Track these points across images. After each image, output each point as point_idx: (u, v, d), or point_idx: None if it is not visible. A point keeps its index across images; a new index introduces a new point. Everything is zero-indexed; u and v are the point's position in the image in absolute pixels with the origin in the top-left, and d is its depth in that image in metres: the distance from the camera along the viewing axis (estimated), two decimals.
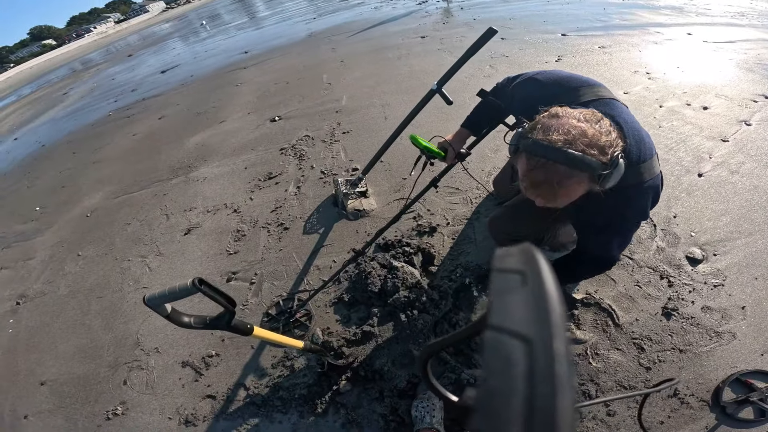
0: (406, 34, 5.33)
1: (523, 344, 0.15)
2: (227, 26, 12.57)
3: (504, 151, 2.47)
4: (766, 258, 1.69)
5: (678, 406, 1.32)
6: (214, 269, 2.16)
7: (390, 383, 1.44)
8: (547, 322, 0.15)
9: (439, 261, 1.87)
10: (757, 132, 2.41)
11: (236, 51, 7.38)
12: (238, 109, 4.24)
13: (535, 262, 0.18)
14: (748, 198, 1.95)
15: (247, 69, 5.72)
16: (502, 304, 0.17)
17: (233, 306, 0.88)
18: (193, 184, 3.07)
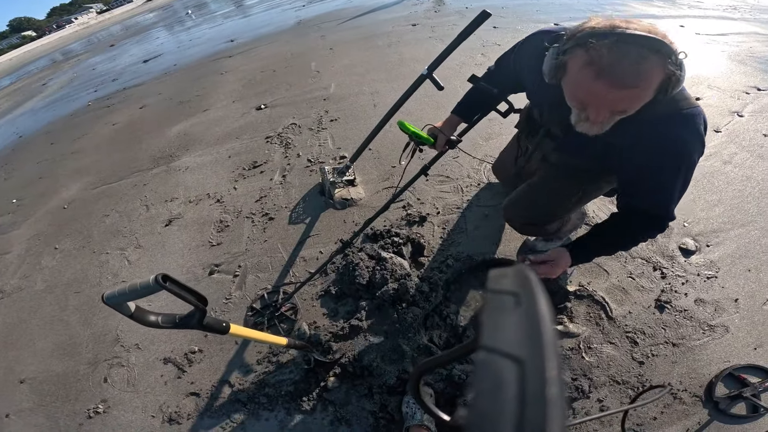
0: (396, 21, 5.22)
1: (515, 365, 0.15)
2: (214, 15, 12.25)
3: (496, 140, 2.41)
4: (759, 249, 1.67)
5: (671, 401, 1.30)
6: (196, 261, 2.08)
7: (379, 379, 1.39)
8: (539, 345, 0.15)
9: (430, 251, 1.82)
10: (750, 123, 2.40)
11: (222, 39, 7.17)
12: (222, 98, 4.11)
13: (529, 283, 0.18)
14: (740, 188, 1.93)
15: (233, 57, 5.56)
16: (495, 325, 0.17)
17: (204, 304, 0.80)
18: (175, 174, 2.96)
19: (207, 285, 1.92)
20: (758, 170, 2.04)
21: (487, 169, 2.18)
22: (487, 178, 2.13)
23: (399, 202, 2.08)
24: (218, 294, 1.85)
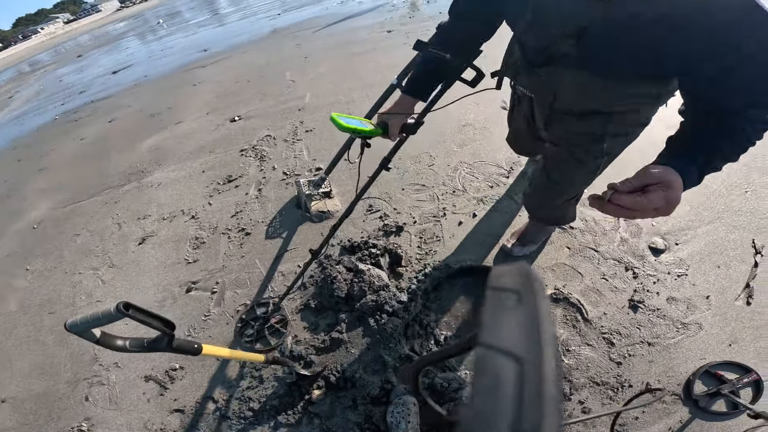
0: (372, 28, 5.24)
1: (514, 363, 0.15)
2: (187, 24, 12.04)
3: (470, 146, 2.43)
4: (727, 245, 1.72)
5: (651, 400, 1.30)
6: (173, 279, 2.05)
7: (363, 390, 1.39)
8: (539, 344, 0.15)
9: (407, 261, 1.81)
10: None
11: (195, 49, 7.04)
12: (195, 110, 4.03)
13: (531, 282, 0.18)
14: (705, 185, 1.98)
15: (206, 67, 5.46)
16: (496, 323, 0.17)
17: (171, 328, 0.80)
18: (147, 191, 2.89)
19: (185, 303, 1.89)
20: (723, 167, 2.11)
21: (462, 175, 2.20)
22: (462, 185, 2.14)
23: (376, 213, 2.07)
24: (197, 311, 1.83)
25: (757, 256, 1.67)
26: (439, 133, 2.59)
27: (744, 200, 1.92)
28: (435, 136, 2.56)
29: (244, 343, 1.64)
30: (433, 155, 2.39)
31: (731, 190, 1.98)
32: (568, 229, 1.81)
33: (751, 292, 1.55)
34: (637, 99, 0.93)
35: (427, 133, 2.59)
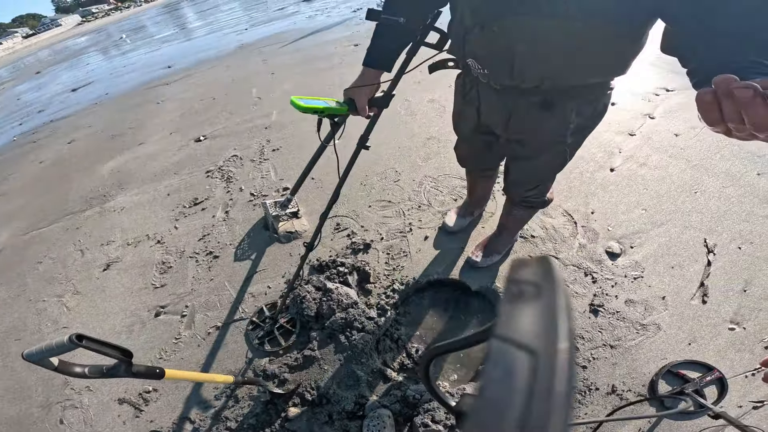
0: (339, 42, 5.27)
1: (527, 357, 0.14)
2: (151, 39, 11.77)
3: (435, 160, 2.47)
4: (679, 246, 1.80)
5: (618, 402, 1.34)
6: (140, 304, 2.01)
7: (338, 406, 1.41)
8: (554, 338, 0.15)
9: (375, 278, 1.82)
10: (661, 124, 2.62)
11: (159, 65, 6.88)
12: (159, 130, 3.92)
13: (551, 275, 0.18)
14: (656, 189, 2.10)
15: (170, 85, 5.34)
16: (512, 315, 0.17)
17: (128, 356, 0.85)
18: (110, 215, 2.79)
19: (154, 327, 1.87)
20: (672, 170, 2.23)
21: (427, 189, 2.23)
22: (427, 199, 2.17)
23: (343, 231, 2.07)
24: (167, 335, 1.81)
25: (710, 255, 1.76)
26: (405, 147, 2.63)
27: (694, 201, 2.03)
28: (401, 152, 2.59)
29: (254, 345, 1.66)
30: (398, 170, 2.42)
31: (681, 191, 2.09)
32: (530, 238, 1.86)
33: (706, 291, 1.62)
34: (598, 66, 0.90)
35: (393, 149, 2.63)
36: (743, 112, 0.41)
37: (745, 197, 2.04)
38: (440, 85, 3.27)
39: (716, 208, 1.98)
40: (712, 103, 0.43)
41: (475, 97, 1.17)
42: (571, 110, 1.01)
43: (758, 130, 0.41)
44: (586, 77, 0.93)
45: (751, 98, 0.40)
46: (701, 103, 0.44)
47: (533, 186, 1.34)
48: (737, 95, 0.40)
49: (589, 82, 0.95)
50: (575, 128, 1.06)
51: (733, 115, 0.42)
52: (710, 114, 0.43)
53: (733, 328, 1.51)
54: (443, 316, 1.68)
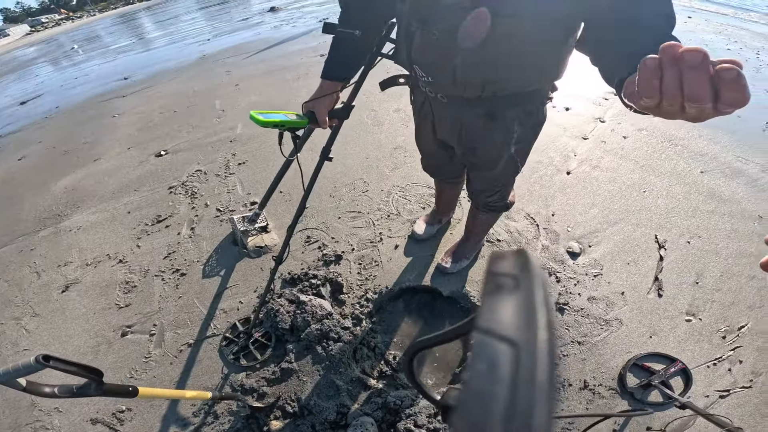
0: (305, 53, 5.26)
1: (510, 348, 0.15)
2: (106, 49, 11.25)
3: (402, 169, 2.51)
4: (633, 243, 1.92)
5: (592, 397, 1.40)
6: (105, 325, 1.91)
7: (320, 416, 1.40)
8: (534, 329, 0.15)
9: (349, 288, 1.83)
10: (611, 127, 2.80)
11: (114, 77, 6.57)
12: (116, 145, 3.74)
13: (528, 267, 0.18)
14: (609, 189, 2.23)
15: (127, 97, 5.11)
16: (493, 307, 0.17)
17: (98, 375, 0.83)
18: (66, 235, 2.63)
19: (121, 346, 1.79)
20: (622, 171, 2.38)
21: (396, 199, 2.26)
22: (396, 208, 2.20)
23: (314, 243, 2.05)
24: (136, 354, 1.74)
25: (661, 250, 1.88)
26: (373, 157, 2.65)
27: (643, 200, 2.18)
28: (368, 162, 2.62)
29: (229, 361, 1.62)
30: (367, 181, 2.44)
31: (631, 191, 2.23)
32: (496, 242, 1.93)
33: (661, 285, 1.73)
34: (535, 71, 0.94)
35: (361, 159, 2.65)
36: (685, 78, 0.40)
37: (690, 194, 2.21)
38: (406, 94, 3.29)
39: (664, 205, 2.14)
40: (656, 70, 0.42)
41: (429, 111, 1.22)
42: (513, 120, 1.06)
43: (692, 99, 0.40)
44: (525, 83, 0.98)
45: (700, 61, 0.39)
46: (644, 68, 0.44)
47: (494, 192, 1.40)
48: (686, 58, 0.40)
49: (528, 89, 1.00)
50: (518, 137, 1.12)
51: (673, 82, 0.41)
52: (651, 81, 0.43)
53: (690, 319, 1.61)
54: (418, 322, 1.71)
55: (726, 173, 2.39)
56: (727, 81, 0.39)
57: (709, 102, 0.40)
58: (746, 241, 1.94)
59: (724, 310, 1.64)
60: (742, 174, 2.38)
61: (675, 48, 0.41)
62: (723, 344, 1.53)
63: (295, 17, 8.00)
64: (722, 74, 0.39)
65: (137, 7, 18.10)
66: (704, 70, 0.39)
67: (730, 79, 0.39)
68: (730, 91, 0.39)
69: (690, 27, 5.28)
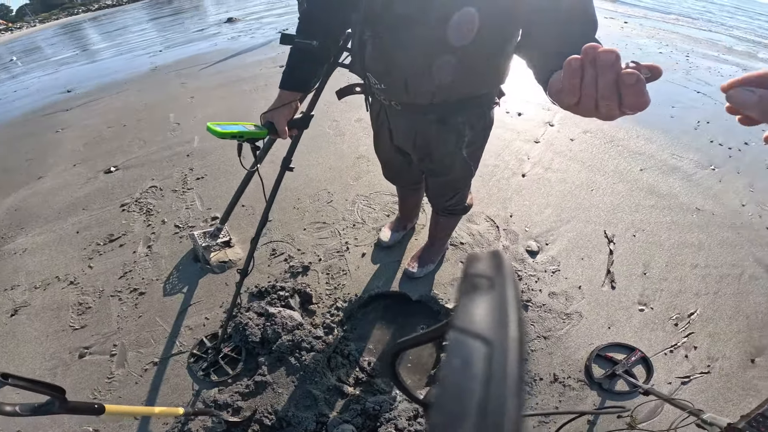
0: (264, 64, 5.18)
1: (483, 346, 0.15)
2: (47, 61, 10.50)
3: (365, 178, 2.53)
4: (585, 239, 2.05)
5: (562, 389, 1.45)
6: (60, 347, 1.80)
7: (299, 428, 1.38)
8: (506, 327, 0.16)
9: (318, 298, 1.82)
10: (559, 131, 2.99)
11: (57, 89, 6.13)
12: (60, 161, 3.49)
13: (502, 268, 0.19)
14: (561, 189, 2.38)
15: (71, 111, 4.78)
16: (468, 307, 0.17)
17: (60, 392, 0.82)
18: (11, 259, 2.43)
19: (80, 368, 1.70)
20: (571, 171, 2.55)
21: (360, 208, 2.28)
22: (361, 217, 2.22)
23: (280, 256, 2.02)
24: (97, 375, 1.65)
25: (611, 244, 2.03)
26: (336, 168, 2.66)
27: (591, 198, 2.34)
28: (331, 172, 2.62)
29: (199, 377, 1.58)
30: (330, 191, 2.44)
31: (580, 190, 2.39)
32: (459, 245, 1.99)
33: (613, 277, 1.86)
34: (481, 75, 0.98)
35: (324, 170, 2.65)
36: (599, 77, 0.43)
37: (632, 191, 2.40)
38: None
39: (610, 202, 2.30)
40: (578, 70, 0.45)
41: (385, 119, 1.26)
42: (463, 124, 1.12)
43: (602, 97, 0.43)
44: (473, 88, 1.03)
45: (613, 62, 0.42)
46: (568, 68, 0.46)
47: (451, 196, 1.45)
48: (601, 58, 0.43)
49: (476, 94, 1.06)
50: (469, 141, 1.17)
51: (591, 81, 0.44)
52: (573, 80, 0.45)
53: (643, 308, 1.73)
54: (389, 327, 1.73)
55: (663, 170, 2.61)
56: (627, 85, 0.42)
57: (615, 101, 0.43)
58: (686, 232, 2.13)
59: (672, 298, 1.78)
60: (677, 170, 2.62)
61: (594, 49, 0.44)
62: (676, 331, 1.64)
63: (254, 28, 7.88)
64: (624, 78, 0.42)
65: (81, 18, 17.04)
66: (615, 71, 0.43)
67: (630, 84, 0.42)
68: (629, 96, 0.43)
69: (626, 32, 5.76)
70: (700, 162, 2.73)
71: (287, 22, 7.89)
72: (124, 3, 22.96)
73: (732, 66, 4.63)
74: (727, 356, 1.57)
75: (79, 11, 19.34)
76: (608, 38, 5.23)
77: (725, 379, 1.50)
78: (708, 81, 4.13)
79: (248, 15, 9.81)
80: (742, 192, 2.45)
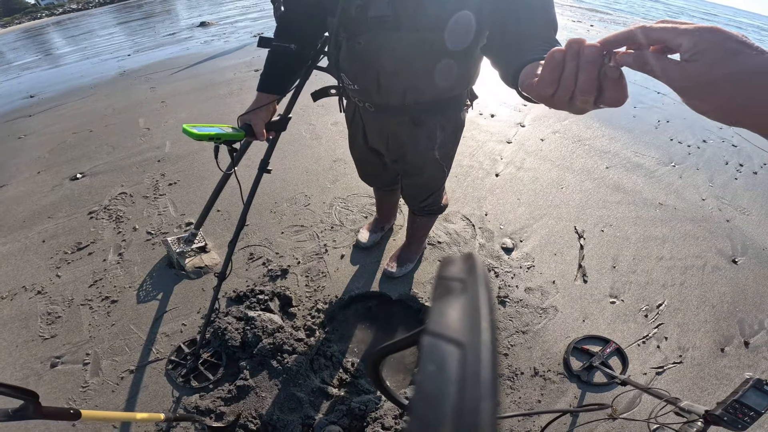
0: (238, 68, 5.11)
1: (457, 349, 0.15)
2: (8, 66, 9.99)
3: (343, 181, 2.54)
4: (557, 235, 2.12)
5: (543, 383, 1.48)
6: (30, 357, 1.73)
7: (285, 431, 1.37)
8: (479, 330, 0.16)
9: (298, 301, 1.81)
10: (530, 131, 3.09)
11: (18, 95, 5.84)
12: (23, 169, 3.32)
13: (474, 270, 0.19)
14: (532, 188, 2.46)
15: (34, 117, 4.56)
16: (442, 311, 0.17)
17: (33, 396, 0.81)
18: None
19: (53, 377, 1.64)
20: (542, 170, 2.64)
21: (338, 210, 2.29)
22: (338, 219, 2.22)
23: (258, 260, 2.00)
24: (71, 384, 1.60)
25: (581, 239, 2.11)
26: (312, 171, 2.66)
27: (561, 195, 2.42)
28: (308, 176, 2.62)
29: (179, 384, 1.54)
30: (308, 194, 2.44)
31: (550, 188, 2.48)
32: (437, 244, 2.03)
33: (585, 271, 1.93)
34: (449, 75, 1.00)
35: (301, 173, 2.64)
36: (580, 71, 0.43)
37: (599, 188, 2.51)
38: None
39: (579, 199, 2.40)
40: (560, 62, 0.45)
41: (359, 121, 1.28)
42: (435, 125, 1.16)
43: (581, 91, 0.43)
44: (443, 90, 1.06)
45: (597, 56, 0.43)
46: (551, 60, 0.45)
47: (426, 197, 1.48)
48: (586, 52, 0.43)
49: (446, 96, 1.10)
50: (441, 142, 1.21)
51: (571, 73, 0.44)
52: (553, 72, 0.45)
53: (614, 301, 1.79)
54: (371, 327, 1.74)
55: (627, 167, 2.74)
56: (611, 80, 0.42)
57: (594, 95, 0.43)
58: (651, 225, 2.24)
59: (641, 290, 1.85)
60: (640, 167, 2.76)
61: (579, 43, 0.43)
62: (647, 322, 1.71)
63: (228, 32, 7.75)
64: (608, 72, 0.42)
65: (45, 22, 16.30)
66: (598, 66, 0.43)
67: (614, 78, 0.42)
68: (611, 90, 0.43)
69: (593, 35, 6.02)
70: (661, 159, 2.88)
71: (262, 26, 7.82)
72: (90, 7, 22.17)
73: None
74: (697, 346, 1.64)
75: (43, 15, 18.52)
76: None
77: (698, 368, 1.56)
78: None
79: (222, 19, 9.65)
80: (702, 187, 2.60)
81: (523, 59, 0.63)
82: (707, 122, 3.40)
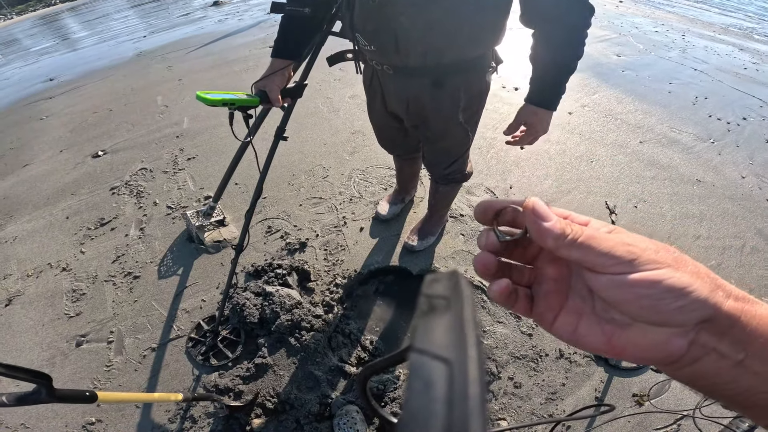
0: (253, 45, 5.05)
1: (444, 367, 0.15)
2: (27, 52, 10.18)
3: (361, 153, 2.48)
4: (586, 210, 2.02)
5: (569, 366, 1.43)
6: (56, 336, 1.77)
7: (303, 410, 1.36)
8: (465, 347, 0.16)
9: (316, 276, 1.78)
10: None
11: (39, 79, 5.94)
12: (46, 148, 3.40)
13: (458, 288, 0.19)
14: (560, 161, 2.34)
15: (55, 98, 4.64)
16: (427, 328, 0.17)
17: (46, 379, 0.78)
18: (2, 248, 2.38)
19: (78, 357, 1.67)
20: (570, 144, 2.51)
21: (357, 182, 2.23)
22: (357, 191, 2.17)
23: (276, 233, 1.98)
24: (95, 363, 1.63)
25: (612, 215, 2.01)
26: (330, 143, 2.61)
27: (591, 169, 2.31)
28: (326, 148, 2.57)
29: (199, 362, 1.55)
30: (326, 167, 2.39)
31: (579, 161, 2.36)
32: (459, 217, 1.96)
33: None
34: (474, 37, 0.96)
35: (319, 146, 2.59)
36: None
37: (633, 162, 2.38)
38: (360, 80, 3.30)
39: (610, 173, 2.28)
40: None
41: (378, 84, 1.22)
42: (458, 88, 1.09)
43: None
44: (465, 49, 0.99)
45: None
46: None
47: (449, 164, 1.41)
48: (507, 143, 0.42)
49: (469, 56, 1.02)
50: (465, 105, 1.14)
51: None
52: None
53: None
54: (390, 303, 1.69)
55: (662, 143, 2.59)
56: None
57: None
58: (687, 202, 2.11)
59: None
60: (677, 143, 2.60)
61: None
62: None
63: (241, 10, 7.66)
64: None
65: (60, 8, 16.48)
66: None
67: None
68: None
69: (621, 11, 5.67)
70: (699, 135, 2.71)
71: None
72: None
73: (728, 46, 4.58)
74: None
75: (57, 1, 18.68)
76: (604, 17, 5.16)
77: None
78: (705, 59, 4.09)
79: None
80: (742, 165, 2.44)
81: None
82: (747, 100, 3.19)
